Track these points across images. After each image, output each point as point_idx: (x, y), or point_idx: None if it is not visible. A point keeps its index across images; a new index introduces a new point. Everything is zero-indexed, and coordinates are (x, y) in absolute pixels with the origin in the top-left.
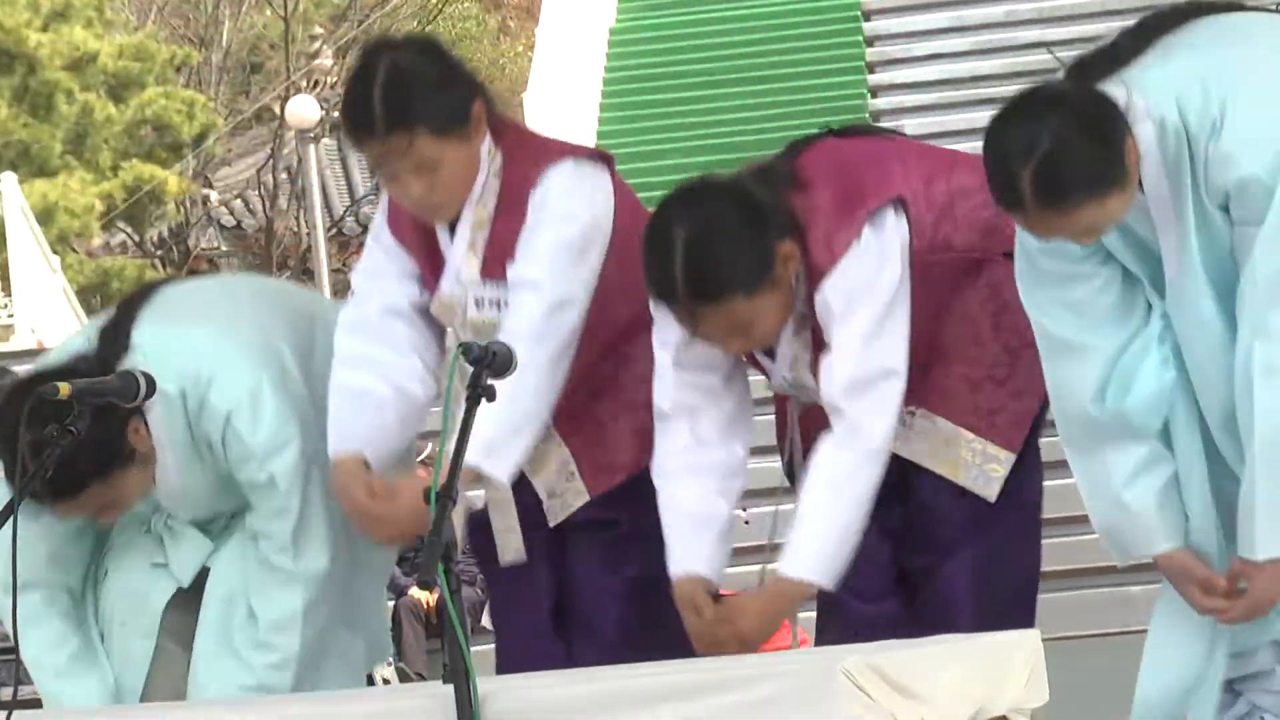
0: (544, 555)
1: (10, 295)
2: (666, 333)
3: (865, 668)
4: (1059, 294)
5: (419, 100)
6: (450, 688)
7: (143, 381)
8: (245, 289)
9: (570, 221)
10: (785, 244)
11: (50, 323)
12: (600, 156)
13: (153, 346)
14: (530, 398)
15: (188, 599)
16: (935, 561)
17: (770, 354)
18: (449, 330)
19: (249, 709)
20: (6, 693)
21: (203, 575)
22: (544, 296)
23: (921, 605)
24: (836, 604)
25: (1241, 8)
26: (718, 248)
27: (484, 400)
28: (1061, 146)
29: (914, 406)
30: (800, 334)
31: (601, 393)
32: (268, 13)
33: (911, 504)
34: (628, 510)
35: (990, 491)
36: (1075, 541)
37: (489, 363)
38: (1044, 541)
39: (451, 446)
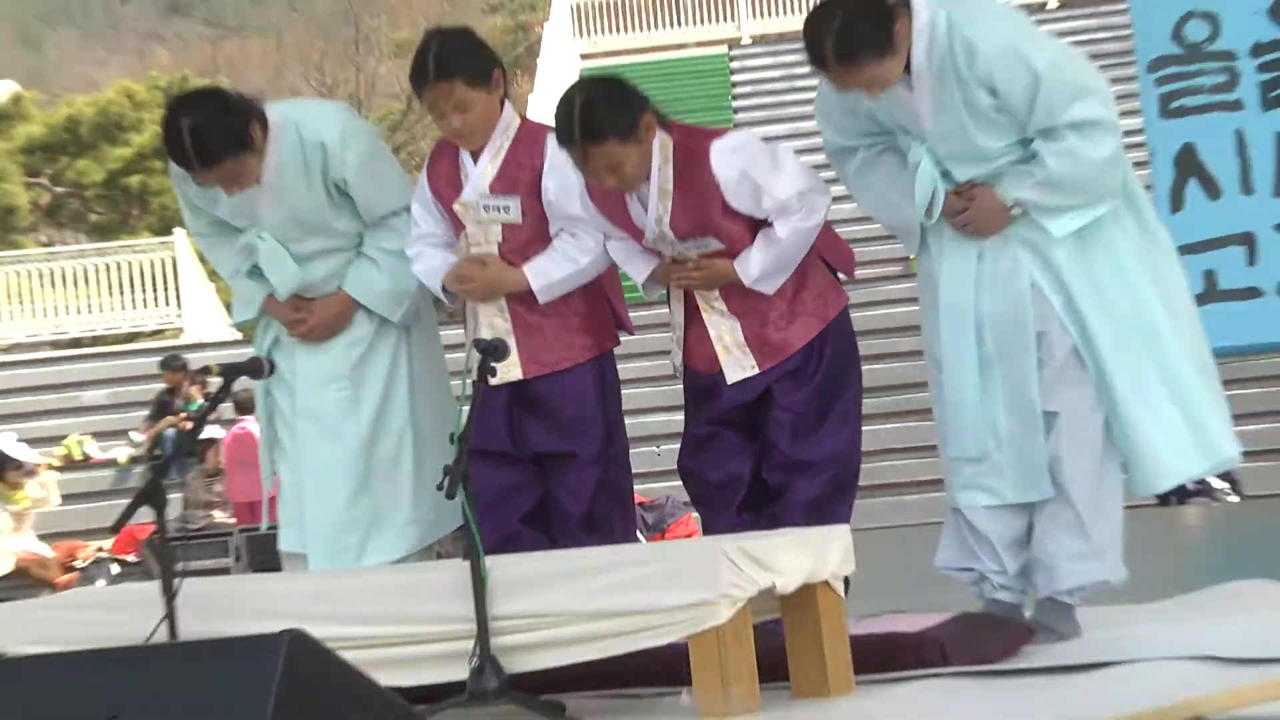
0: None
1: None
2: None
3: (737, 550)
4: (845, 126)
5: None
6: (467, 563)
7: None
8: None
9: None
10: (647, 116)
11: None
12: None
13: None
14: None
15: None
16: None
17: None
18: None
19: (299, 581)
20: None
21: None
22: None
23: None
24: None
25: None
26: (601, 105)
27: (488, 381)
28: (850, 25)
29: None
30: (663, 200)
31: None
32: None
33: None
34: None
35: None
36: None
37: (494, 352)
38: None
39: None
